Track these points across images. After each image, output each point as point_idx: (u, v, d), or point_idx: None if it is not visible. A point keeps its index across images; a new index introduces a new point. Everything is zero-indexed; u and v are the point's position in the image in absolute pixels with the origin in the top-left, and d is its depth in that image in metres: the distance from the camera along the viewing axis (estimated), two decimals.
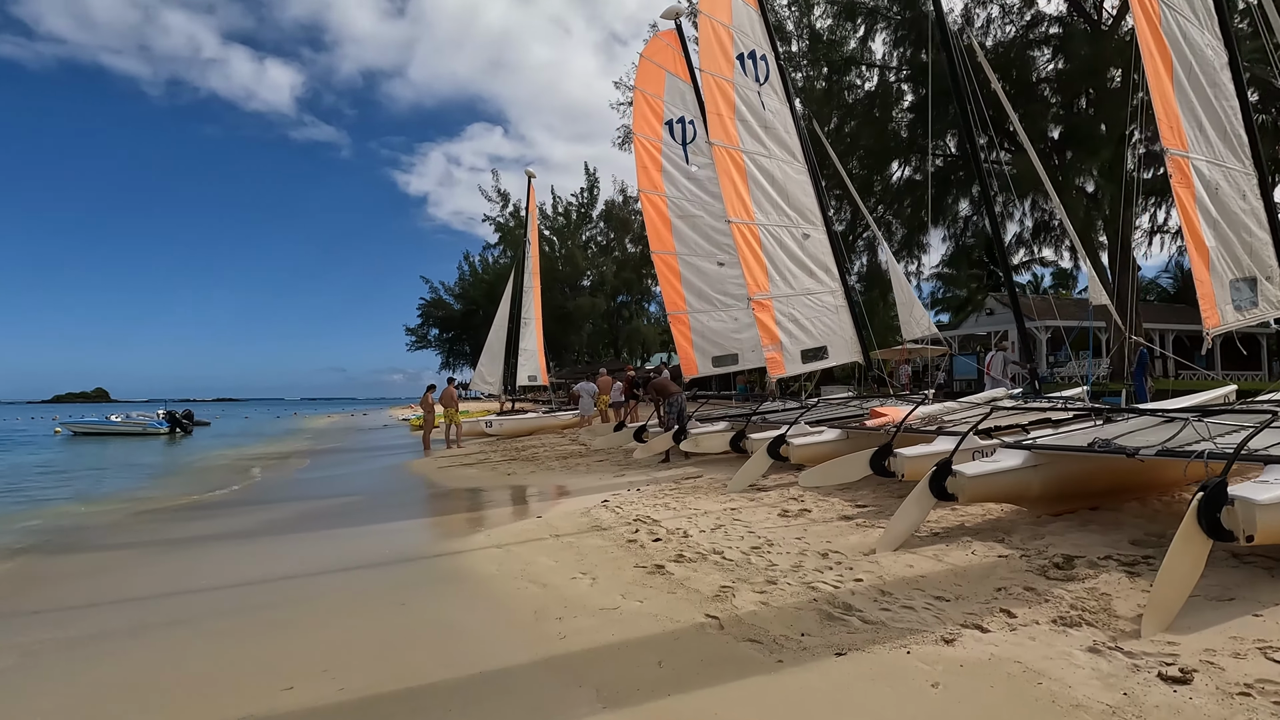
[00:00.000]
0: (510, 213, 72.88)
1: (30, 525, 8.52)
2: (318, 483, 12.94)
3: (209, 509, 9.64)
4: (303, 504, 9.55)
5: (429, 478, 11.54)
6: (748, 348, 11.87)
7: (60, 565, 6.61)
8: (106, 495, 11.85)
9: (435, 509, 8.64)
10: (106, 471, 16.67)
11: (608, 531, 6.09)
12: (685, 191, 11.61)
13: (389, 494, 10.33)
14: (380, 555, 5.94)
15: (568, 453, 13.14)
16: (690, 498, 7.48)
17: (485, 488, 9.88)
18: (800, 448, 7.61)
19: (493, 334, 19.76)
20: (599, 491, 8.53)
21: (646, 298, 70.25)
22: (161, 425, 33.34)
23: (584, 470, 10.72)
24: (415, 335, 79.81)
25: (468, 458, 14.10)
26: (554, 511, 7.43)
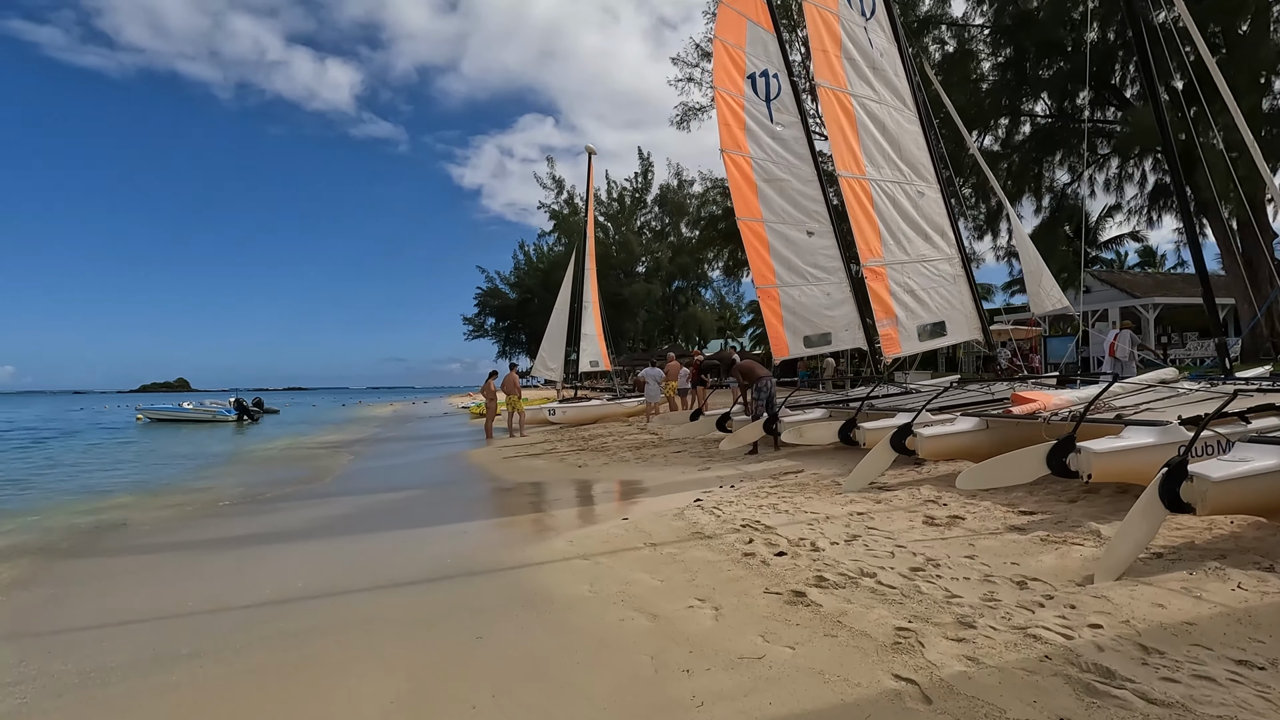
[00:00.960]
0: (565, 200, 72.58)
1: (77, 522, 8.05)
2: (376, 473, 12.35)
3: (261, 503, 9.05)
4: (359, 499, 8.84)
5: (493, 469, 10.74)
6: (841, 326, 10.61)
7: (90, 569, 6.00)
8: (165, 486, 11.52)
9: (503, 506, 7.76)
10: (172, 460, 16.62)
11: (714, 541, 5.04)
12: (770, 153, 10.38)
13: (451, 487, 9.56)
14: (446, 565, 5.04)
15: (639, 443, 12.16)
16: (799, 498, 6.36)
17: (555, 482, 8.98)
18: (931, 440, 6.39)
19: (554, 319, 18.94)
20: (686, 489, 7.50)
21: (703, 283, 68.90)
22: (230, 413, 34.14)
23: (661, 463, 9.70)
24: (472, 324, 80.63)
25: (532, 447, 13.29)
26: (640, 512, 6.44)
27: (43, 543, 6.88)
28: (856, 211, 8.20)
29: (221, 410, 34.67)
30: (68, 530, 7.50)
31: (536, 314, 70.95)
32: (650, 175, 69.47)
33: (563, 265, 71.76)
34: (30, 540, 7.06)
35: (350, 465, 13.84)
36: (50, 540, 7.01)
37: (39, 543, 6.91)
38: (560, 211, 71.96)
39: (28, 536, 7.28)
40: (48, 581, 5.43)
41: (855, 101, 8.27)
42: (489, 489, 8.93)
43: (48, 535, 7.26)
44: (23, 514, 8.96)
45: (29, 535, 7.34)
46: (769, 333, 10.02)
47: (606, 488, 8.19)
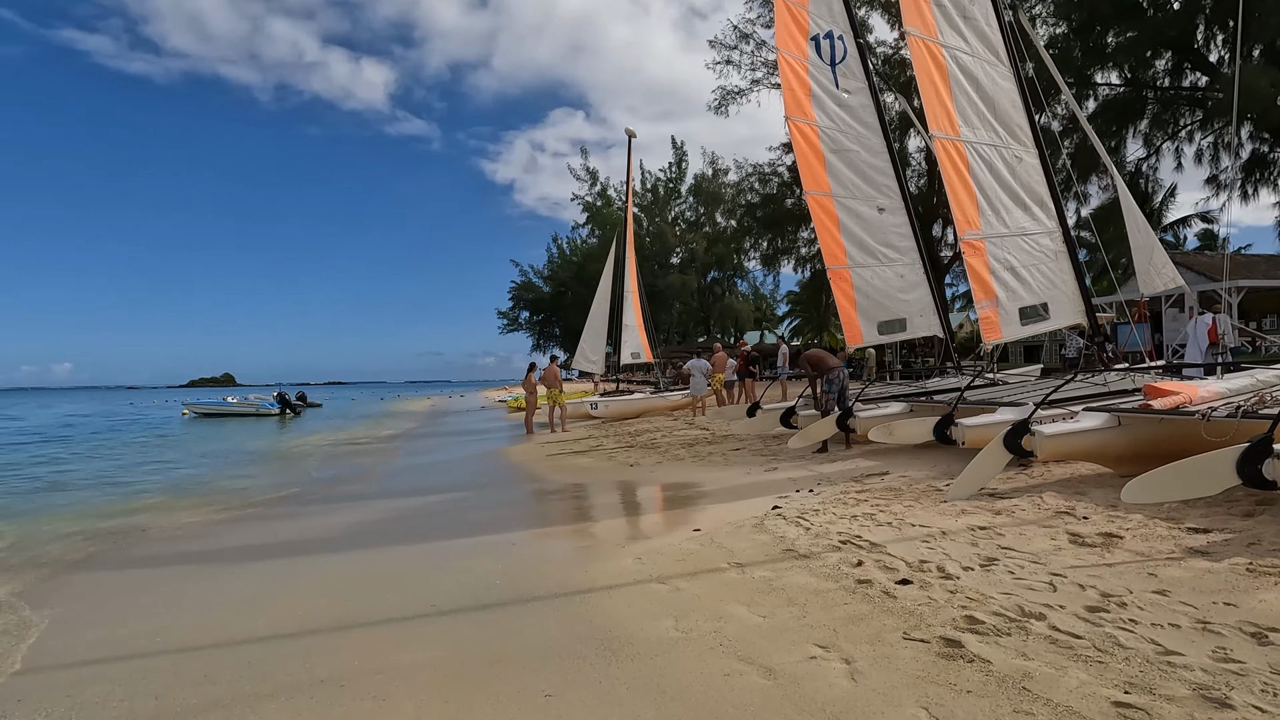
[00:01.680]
0: (598, 191, 72.00)
1: (100, 527, 7.58)
2: (413, 472, 11.77)
3: (292, 506, 8.49)
4: (395, 502, 8.21)
5: (537, 468, 10.05)
6: (916, 311, 9.63)
7: (91, 586, 5.44)
8: (199, 485, 11.12)
9: (553, 512, 7.03)
10: (210, 457, 16.36)
11: (813, 562, 4.21)
12: (838, 121, 9.43)
13: (494, 489, 8.88)
14: (496, 587, 4.32)
15: (692, 439, 11.34)
16: (896, 506, 5.48)
17: (606, 483, 8.23)
18: (1054, 440, 5.45)
19: (594, 309, 18.21)
20: (756, 493, 6.69)
21: (739, 274, 67.71)
22: (273, 407, 34.32)
23: (720, 462, 8.88)
24: (507, 318, 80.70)
25: (576, 444, 12.59)
26: (711, 521, 5.64)
27: (55, 552, 6.38)
28: (952, 177, 7.23)
29: (264, 404, 34.91)
30: (86, 536, 7.01)
31: (570, 307, 70.59)
32: (684, 165, 68.37)
33: (597, 257, 71.37)
34: (44, 550, 6.57)
35: (386, 463, 13.33)
36: (63, 550, 6.51)
37: (54, 552, 6.41)
38: (594, 204, 71.46)
39: (47, 545, 6.81)
40: (35, 602, 4.85)
41: (947, 53, 7.27)
42: (535, 491, 8.22)
43: (63, 543, 6.77)
44: (50, 516, 8.57)
45: (47, 543, 6.86)
46: (841, 318, 9.11)
47: (665, 491, 7.41)
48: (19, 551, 6.58)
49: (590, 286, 72.86)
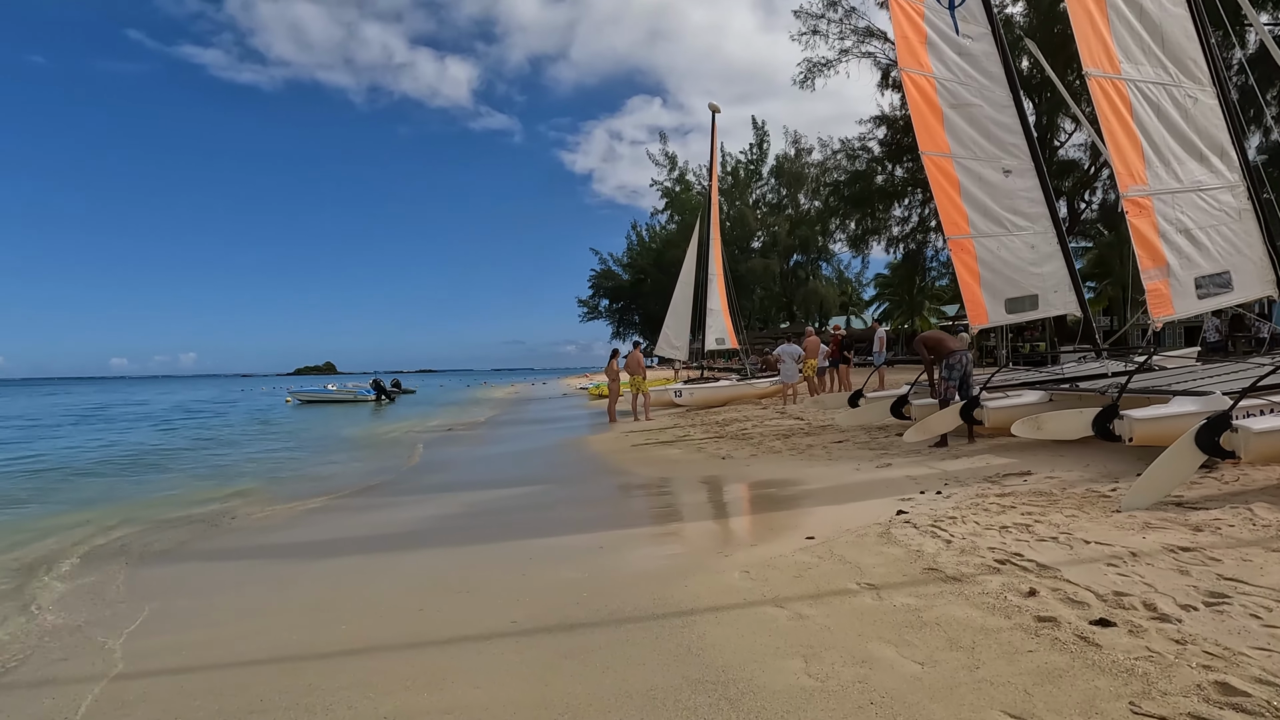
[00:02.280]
0: (677, 176, 71.15)
1: (190, 513, 7.60)
2: (495, 461, 11.50)
3: (375, 496, 8.30)
4: (475, 495, 7.85)
5: (621, 460, 9.51)
6: (1049, 287, 8.41)
7: (163, 581, 5.28)
8: (291, 472, 11.27)
9: (641, 510, 6.45)
10: (306, 442, 16.84)
11: (967, 587, 3.42)
12: (957, 72, 8.31)
13: (576, 482, 8.40)
14: (583, 601, 3.77)
15: (787, 430, 10.52)
16: (1055, 515, 4.56)
17: (697, 478, 7.57)
18: (1266, 438, 4.36)
19: (677, 293, 17.53)
20: (870, 493, 5.87)
21: (824, 256, 65.37)
22: (369, 393, 35.73)
23: (823, 456, 8.05)
24: (587, 306, 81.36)
25: (661, 433, 12.00)
26: (824, 524, 4.90)
27: (142, 542, 6.33)
28: (1112, 123, 6.05)
29: (361, 391, 36.40)
30: (178, 523, 7.02)
31: (649, 294, 70.24)
32: (766, 145, 66.40)
33: (676, 243, 70.64)
34: (138, 539, 6.57)
35: (469, 451, 13.20)
36: (155, 538, 6.47)
37: (139, 541, 6.38)
38: (672, 189, 70.64)
39: (135, 529, 6.84)
40: (110, 597, 4.68)
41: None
42: (620, 485, 7.67)
43: (151, 531, 6.76)
44: (150, 501, 8.78)
45: (143, 530, 6.90)
46: (964, 295, 8.04)
47: (764, 489, 6.67)
48: (117, 537, 6.61)
49: (669, 273, 72.04)
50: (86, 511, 8.05)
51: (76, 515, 7.83)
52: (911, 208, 34.92)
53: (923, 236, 35.89)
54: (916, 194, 34.34)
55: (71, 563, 5.72)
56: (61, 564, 5.66)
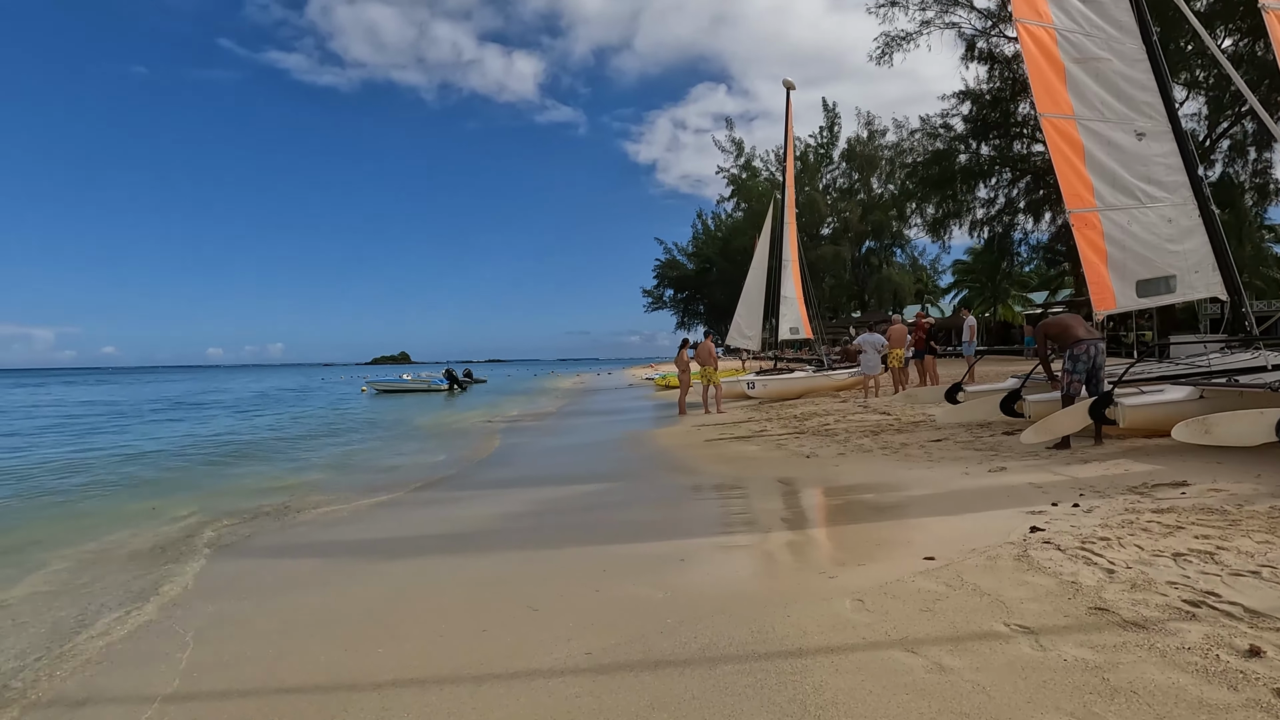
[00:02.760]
0: (743, 163, 69.66)
1: (245, 507, 7.49)
2: (562, 454, 11.12)
3: (440, 490, 8.01)
4: (540, 491, 7.42)
5: (695, 456, 8.94)
6: (1189, 267, 7.31)
7: (216, 579, 5.04)
8: (358, 462, 11.22)
9: (723, 516, 5.84)
10: (378, 432, 17.00)
11: (1155, 637, 2.69)
12: (1081, 21, 7.27)
13: (648, 479, 7.88)
14: (667, 629, 3.23)
15: (874, 426, 9.69)
16: (1245, 540, 3.72)
17: (783, 480, 6.90)
18: None
19: (750, 279, 16.73)
20: (989, 503, 5.10)
21: (898, 242, 62.76)
22: (442, 383, 36.42)
23: (921, 456, 7.24)
24: (651, 296, 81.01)
25: (735, 427, 11.34)
26: (941, 540, 4.20)
27: (207, 536, 6.19)
28: None
29: (435, 381, 37.14)
30: (242, 515, 6.90)
31: (715, 284, 69.18)
32: (836, 128, 64.05)
33: (742, 231, 69.19)
34: (198, 526, 6.46)
35: (536, 442, 12.91)
36: (214, 533, 6.32)
37: (204, 534, 6.24)
38: (739, 176, 69.20)
39: (203, 519, 6.76)
40: (171, 597, 4.46)
41: None
42: (696, 486, 7.08)
43: (217, 523, 6.64)
44: (219, 489, 8.81)
45: (205, 518, 6.82)
46: (1088, 276, 7.04)
47: (861, 494, 5.95)
48: (184, 527, 6.54)
49: (735, 262, 70.87)
50: (160, 499, 8.11)
51: (150, 503, 7.89)
52: (998, 188, 32.75)
53: (1010, 219, 33.62)
54: (1004, 173, 32.16)
55: (139, 556, 5.61)
56: (126, 559, 5.56)
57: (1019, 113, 30.37)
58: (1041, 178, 31.24)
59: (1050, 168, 26.88)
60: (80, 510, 7.81)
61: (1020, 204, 32.89)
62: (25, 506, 8.10)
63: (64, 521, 7.14)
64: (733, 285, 66.55)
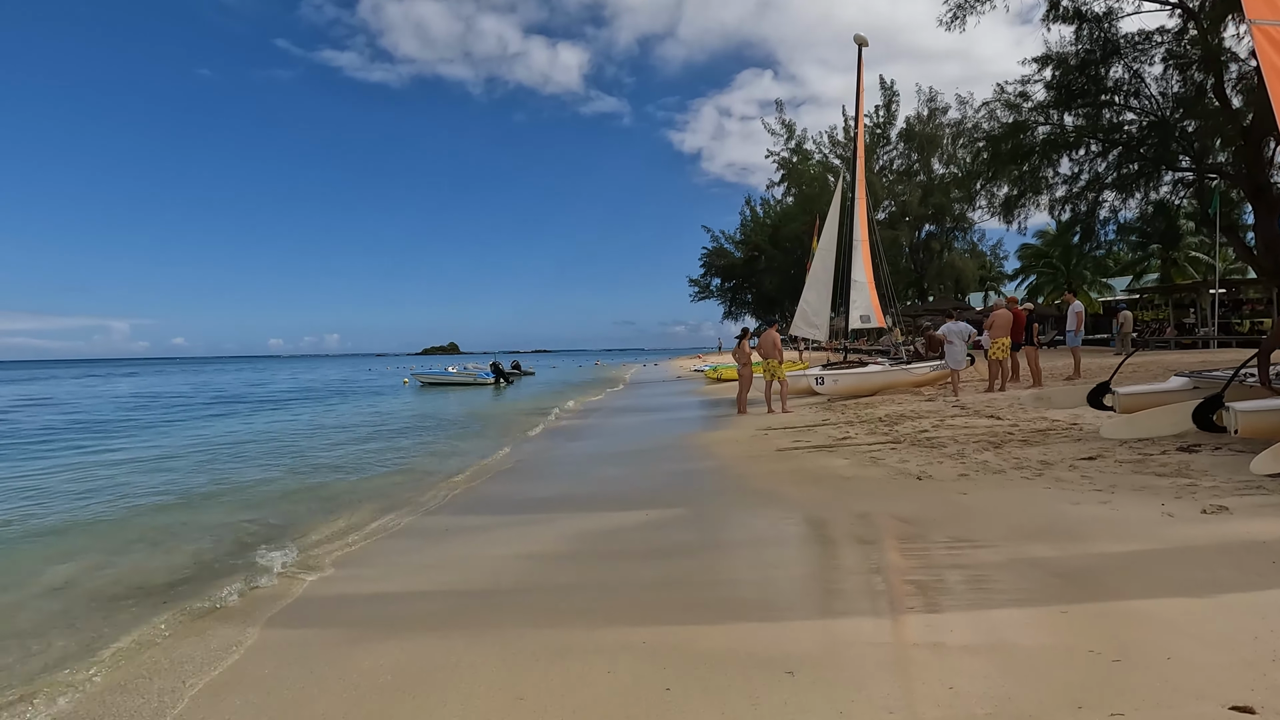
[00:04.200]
0: (793, 147, 67.04)
1: (257, 529, 6.19)
2: (607, 464, 9.55)
3: (457, 515, 6.57)
4: (579, 520, 5.89)
5: (767, 472, 7.31)
6: None
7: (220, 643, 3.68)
8: (381, 469, 9.96)
9: (834, 579, 4.16)
10: (410, 430, 15.87)
11: None
12: None
13: (712, 503, 6.27)
14: None
15: (988, 433, 7.87)
16: None
17: (900, 517, 5.20)
18: None
19: (817, 262, 14.89)
20: (1235, 573, 3.37)
21: (961, 225, 59.36)
22: (488, 376, 35.33)
23: (1080, 483, 5.45)
24: (698, 286, 79.17)
25: (809, 431, 9.66)
26: (1226, 658, 2.52)
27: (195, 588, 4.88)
28: None
29: (481, 374, 36.12)
30: (233, 548, 5.60)
31: (764, 272, 66.78)
32: (894, 107, 60.83)
33: (794, 217, 66.38)
34: (178, 570, 5.18)
35: (577, 447, 11.46)
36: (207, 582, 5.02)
37: (168, 574, 4.95)
38: (790, 160, 66.60)
39: (186, 563, 5.47)
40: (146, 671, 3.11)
41: None
42: (784, 521, 5.45)
43: (183, 560, 5.35)
44: (221, 505, 7.62)
45: (192, 558, 5.54)
46: None
47: (1021, 545, 4.22)
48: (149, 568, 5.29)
49: (785, 249, 68.14)
50: (110, 527, 6.95)
51: (84, 540, 6.73)
52: (1085, 161, 29.67)
53: (1096, 195, 30.52)
54: (1091, 146, 29.12)
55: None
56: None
57: (1110, 77, 27.39)
58: (1134, 150, 28.19)
59: (1145, 137, 23.67)
60: None
61: (1108, 178, 29.84)
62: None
63: None
64: (782, 274, 64.12)
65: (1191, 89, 25.76)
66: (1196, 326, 24.00)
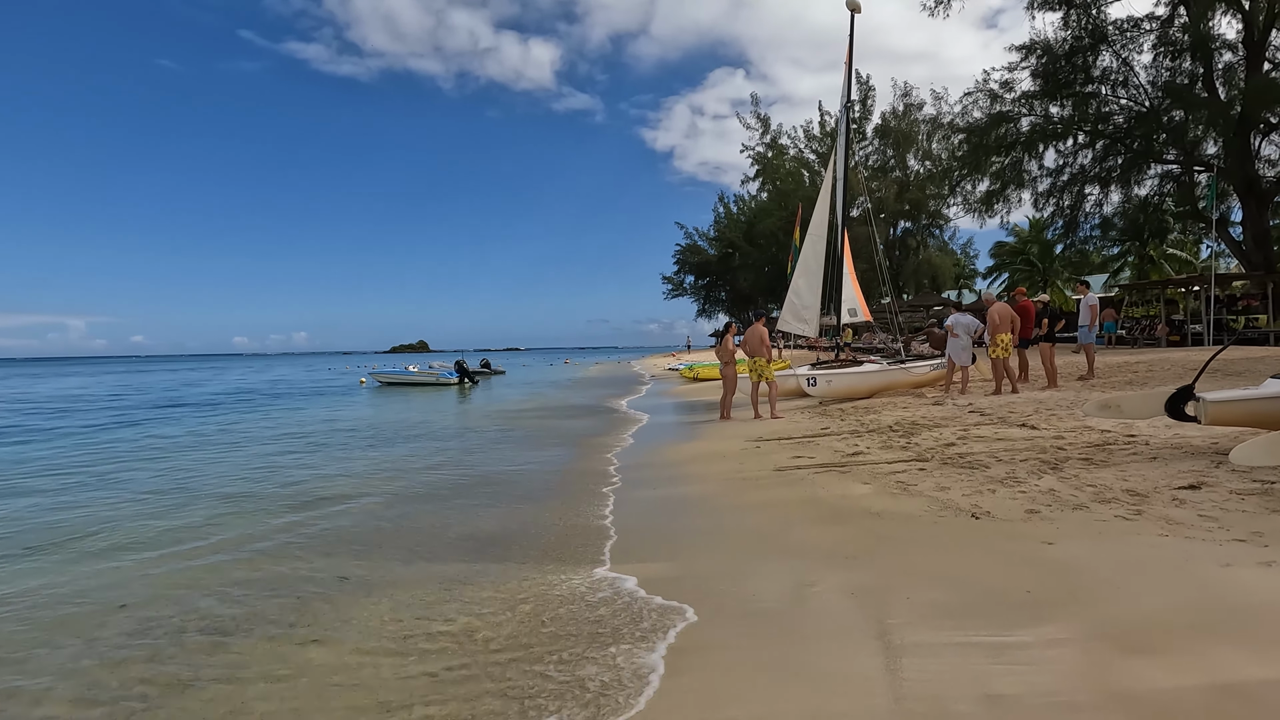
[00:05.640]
0: (768, 141, 66.28)
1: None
2: (569, 496, 7.97)
3: (347, 594, 4.85)
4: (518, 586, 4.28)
5: (772, 503, 5.74)
6: None
7: None
8: (289, 496, 8.11)
9: (872, 658, 2.65)
10: (350, 442, 13.99)
11: None
12: None
13: (707, 554, 4.71)
14: None
15: (1044, 451, 6.37)
16: None
17: (968, 581, 3.70)
18: None
19: (807, 250, 13.40)
20: None
21: (936, 222, 59.05)
22: (452, 376, 33.11)
23: (1192, 519, 4.01)
24: (671, 283, 78.02)
25: (812, 446, 8.13)
26: None
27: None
28: None
29: (444, 374, 33.85)
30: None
31: (738, 269, 65.63)
32: (870, 102, 60.36)
33: (769, 213, 65.32)
34: None
35: (535, 469, 9.79)
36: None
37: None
38: (765, 155, 65.70)
39: None
40: None
41: None
42: (807, 588, 3.88)
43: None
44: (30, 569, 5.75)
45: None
46: None
47: (1202, 648, 2.76)
48: None
49: (759, 245, 67.07)
50: None
51: None
52: (1071, 153, 28.82)
53: (1080, 188, 29.70)
54: (1079, 136, 28.24)
55: None
56: None
57: (1098, 65, 26.52)
58: (1121, 142, 27.39)
59: (1133, 129, 22.59)
60: None
61: (1093, 172, 29.04)
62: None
63: None
64: (757, 270, 63.07)
65: (1183, 77, 24.99)
66: (1186, 324, 23.16)
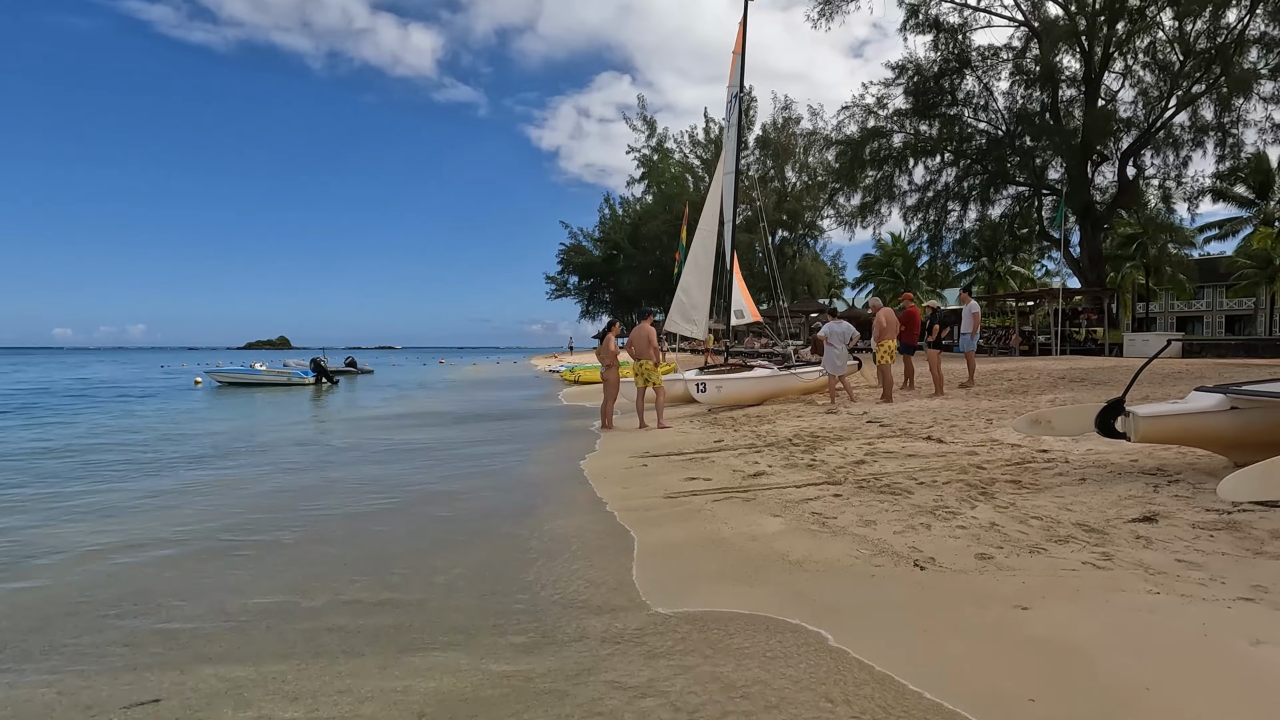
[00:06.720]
0: (655, 144, 66.68)
1: None
2: (426, 544, 6.44)
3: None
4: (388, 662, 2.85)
5: (664, 549, 4.60)
6: None
7: None
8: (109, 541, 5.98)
9: None
10: (171, 465, 11.45)
11: None
12: None
13: (568, 646, 3.50)
14: None
15: (964, 471, 5.67)
16: None
17: (968, 695, 2.73)
18: None
19: (697, 246, 12.52)
20: None
21: (812, 233, 61.75)
22: (307, 375, 29.53)
23: (1169, 563, 3.29)
24: (555, 283, 76.64)
25: (703, 461, 7.10)
26: None
27: None
28: None
29: (298, 372, 30.11)
30: None
31: (623, 271, 65.32)
32: (751, 113, 61.97)
33: (654, 215, 65.40)
34: None
35: (386, 506, 8.13)
36: None
37: None
38: (650, 157, 66.02)
39: None
40: None
41: None
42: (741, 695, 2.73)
43: None
44: None
45: None
46: None
47: None
48: None
49: (644, 248, 67.08)
50: None
51: None
52: (936, 170, 30.42)
53: (944, 204, 31.46)
54: (946, 154, 29.83)
55: None
56: None
57: (963, 88, 28.09)
58: (978, 161, 29.21)
59: (990, 151, 24.06)
60: None
61: (955, 190, 30.80)
62: None
63: None
64: (641, 273, 63.00)
65: (1035, 105, 26.99)
66: (1034, 334, 24.87)
